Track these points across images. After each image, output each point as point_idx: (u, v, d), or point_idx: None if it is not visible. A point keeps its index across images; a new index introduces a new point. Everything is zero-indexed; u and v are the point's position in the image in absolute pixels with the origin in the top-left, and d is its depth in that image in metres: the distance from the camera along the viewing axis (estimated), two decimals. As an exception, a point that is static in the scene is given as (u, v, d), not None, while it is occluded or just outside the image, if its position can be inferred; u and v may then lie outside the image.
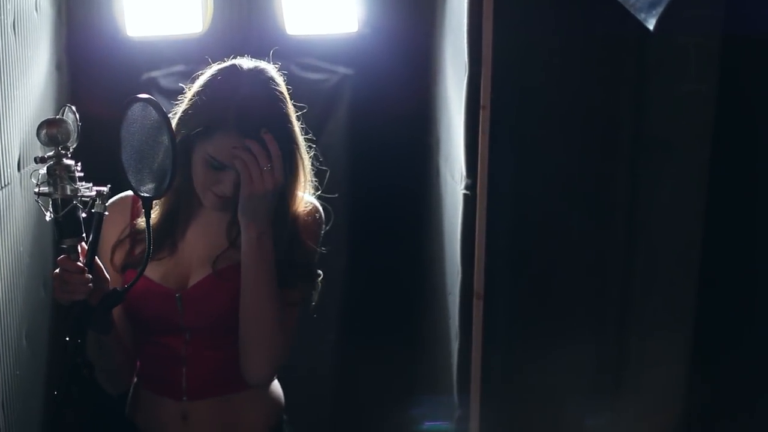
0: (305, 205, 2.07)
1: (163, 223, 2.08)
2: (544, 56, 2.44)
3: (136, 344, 2.14)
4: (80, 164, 1.84)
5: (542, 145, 2.45)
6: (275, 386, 2.18)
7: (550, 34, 2.44)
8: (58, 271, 1.85)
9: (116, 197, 2.10)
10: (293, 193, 2.04)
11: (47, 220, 1.84)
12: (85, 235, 1.87)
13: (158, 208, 2.09)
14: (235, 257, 2.02)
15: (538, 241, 2.47)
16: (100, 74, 2.83)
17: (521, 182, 2.37)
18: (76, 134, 1.84)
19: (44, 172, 1.82)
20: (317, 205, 2.10)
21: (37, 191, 1.82)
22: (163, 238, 2.08)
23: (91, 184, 1.86)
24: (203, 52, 2.69)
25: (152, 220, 2.05)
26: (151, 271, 2.04)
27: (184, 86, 2.08)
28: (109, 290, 1.92)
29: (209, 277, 2.02)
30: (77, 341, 1.85)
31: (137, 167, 1.87)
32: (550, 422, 2.44)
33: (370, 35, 2.88)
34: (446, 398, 2.40)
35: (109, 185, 1.88)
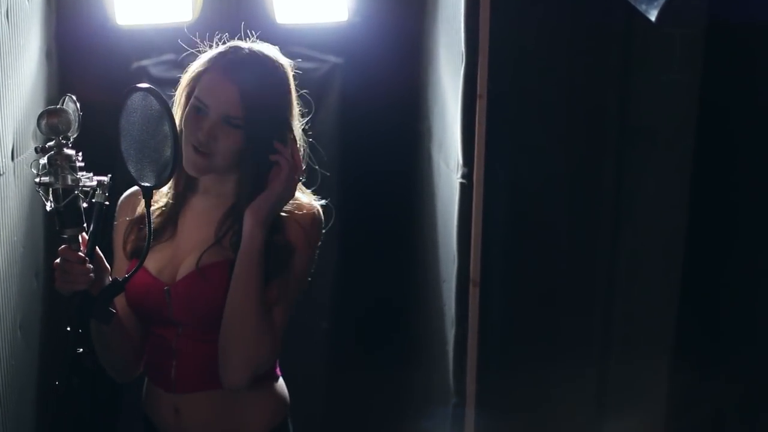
0: (304, 206, 2.03)
1: (166, 210, 2.08)
2: (537, 46, 2.46)
3: (142, 334, 2.14)
4: (81, 154, 1.84)
5: (536, 134, 2.46)
6: (278, 385, 2.14)
7: (544, 24, 2.45)
8: (59, 261, 1.84)
9: (130, 191, 2.11)
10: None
11: (48, 210, 1.83)
12: (85, 225, 1.86)
13: (161, 195, 2.09)
14: (220, 254, 1.99)
15: (531, 229, 2.50)
16: (89, 63, 2.82)
17: (516, 171, 2.39)
18: (76, 124, 1.83)
19: (45, 161, 1.82)
20: (317, 207, 2.07)
21: (38, 181, 1.81)
22: (164, 225, 2.07)
23: (91, 173, 1.85)
24: (193, 40, 2.70)
25: (155, 207, 2.06)
26: (149, 261, 2.03)
27: (174, 75, 2.08)
28: (109, 280, 1.92)
29: (193, 273, 1.98)
30: (78, 331, 1.86)
31: (138, 157, 1.86)
32: (545, 408, 2.46)
33: (360, 24, 2.88)
34: (442, 386, 2.42)
35: (110, 175, 1.87)
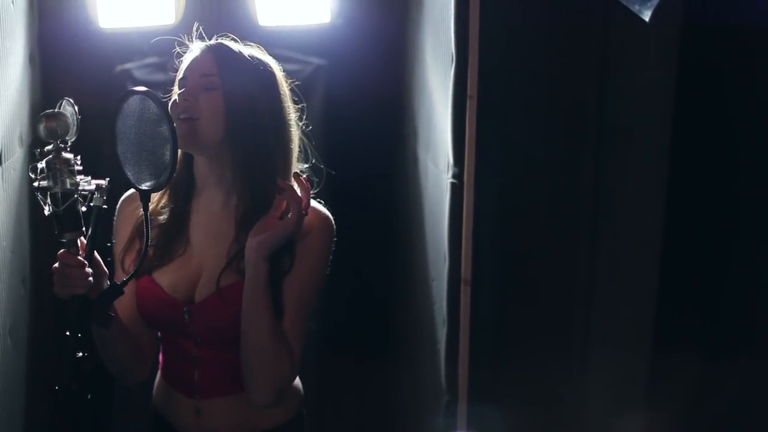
0: (315, 215, 2.02)
1: (173, 223, 2.06)
2: (524, 47, 2.49)
3: (153, 338, 2.13)
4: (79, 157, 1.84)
5: (521, 134, 2.49)
6: (295, 380, 2.14)
7: (531, 25, 2.48)
8: (57, 265, 1.83)
9: (126, 195, 2.09)
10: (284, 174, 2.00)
11: (46, 214, 1.82)
12: (84, 228, 1.86)
13: (168, 208, 2.07)
14: (237, 274, 1.98)
15: (520, 227, 2.52)
16: (72, 66, 2.80)
17: (505, 171, 2.42)
18: (75, 127, 1.82)
19: (43, 165, 1.81)
20: (327, 215, 2.06)
21: (36, 185, 1.81)
22: (175, 239, 2.05)
23: (89, 177, 1.85)
24: (176, 43, 2.69)
25: (163, 220, 2.05)
26: (160, 277, 2.03)
27: (158, 78, 2.09)
28: (108, 284, 1.92)
29: (214, 296, 1.98)
30: (77, 335, 1.85)
31: (135, 160, 1.85)
32: (537, 405, 2.49)
33: (342, 26, 2.89)
34: (433, 384, 2.44)
35: (108, 178, 1.87)
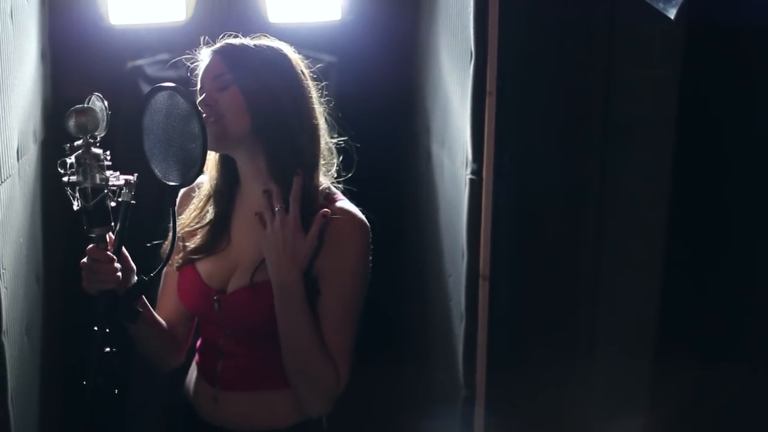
0: (349, 218, 2.01)
1: (218, 219, 2.08)
2: (538, 44, 2.50)
3: (191, 328, 2.18)
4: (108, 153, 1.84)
5: (536, 131, 2.51)
6: None
7: (546, 21, 2.50)
8: (86, 260, 1.84)
9: (181, 191, 2.11)
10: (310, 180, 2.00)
11: (75, 209, 1.82)
12: (112, 224, 1.86)
13: (213, 202, 2.09)
14: None
15: (536, 223, 2.53)
16: (83, 63, 2.79)
17: (522, 167, 2.43)
18: (104, 123, 1.83)
19: (72, 161, 1.81)
20: (361, 218, 2.03)
21: (66, 180, 1.81)
22: (219, 234, 2.07)
23: (118, 173, 1.85)
24: (187, 40, 2.68)
25: (210, 215, 2.07)
26: (202, 266, 2.06)
27: (169, 75, 2.09)
28: (135, 279, 1.93)
29: (247, 287, 1.99)
30: (105, 331, 1.85)
31: (162, 156, 1.87)
32: (555, 401, 2.50)
33: (353, 23, 2.90)
34: (449, 381, 2.45)
35: (136, 174, 1.87)
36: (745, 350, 2.93)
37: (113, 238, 1.86)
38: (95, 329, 1.85)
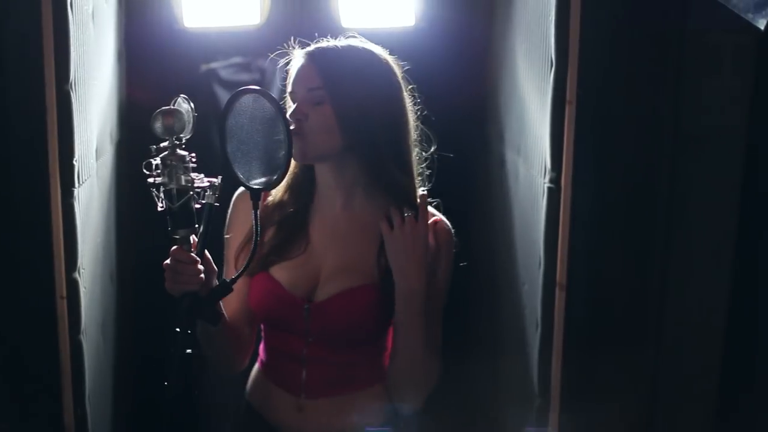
0: (439, 223, 2.06)
1: (294, 222, 2.07)
2: (615, 53, 2.47)
3: (254, 331, 2.14)
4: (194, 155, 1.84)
5: (615, 140, 2.47)
6: None
7: (625, 31, 2.47)
8: (169, 261, 1.84)
9: (240, 191, 2.09)
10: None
11: (159, 210, 1.82)
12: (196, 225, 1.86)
13: (288, 207, 2.08)
14: (364, 278, 2.00)
15: (614, 232, 2.50)
16: (157, 64, 2.81)
17: (600, 176, 2.40)
18: (191, 125, 1.83)
19: (157, 162, 1.81)
20: (449, 225, 2.08)
21: (152, 181, 1.81)
22: (295, 237, 2.06)
23: (202, 175, 1.85)
24: (260, 44, 2.70)
25: (282, 218, 2.06)
26: (280, 273, 2.03)
27: (243, 78, 2.09)
28: (217, 282, 1.92)
29: (342, 294, 1.98)
30: (187, 332, 1.85)
31: (245, 159, 1.86)
32: (629, 409, 2.46)
33: (426, 29, 2.87)
34: (523, 387, 2.42)
35: (220, 176, 1.87)
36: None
37: (197, 240, 1.86)
38: (177, 330, 1.84)
